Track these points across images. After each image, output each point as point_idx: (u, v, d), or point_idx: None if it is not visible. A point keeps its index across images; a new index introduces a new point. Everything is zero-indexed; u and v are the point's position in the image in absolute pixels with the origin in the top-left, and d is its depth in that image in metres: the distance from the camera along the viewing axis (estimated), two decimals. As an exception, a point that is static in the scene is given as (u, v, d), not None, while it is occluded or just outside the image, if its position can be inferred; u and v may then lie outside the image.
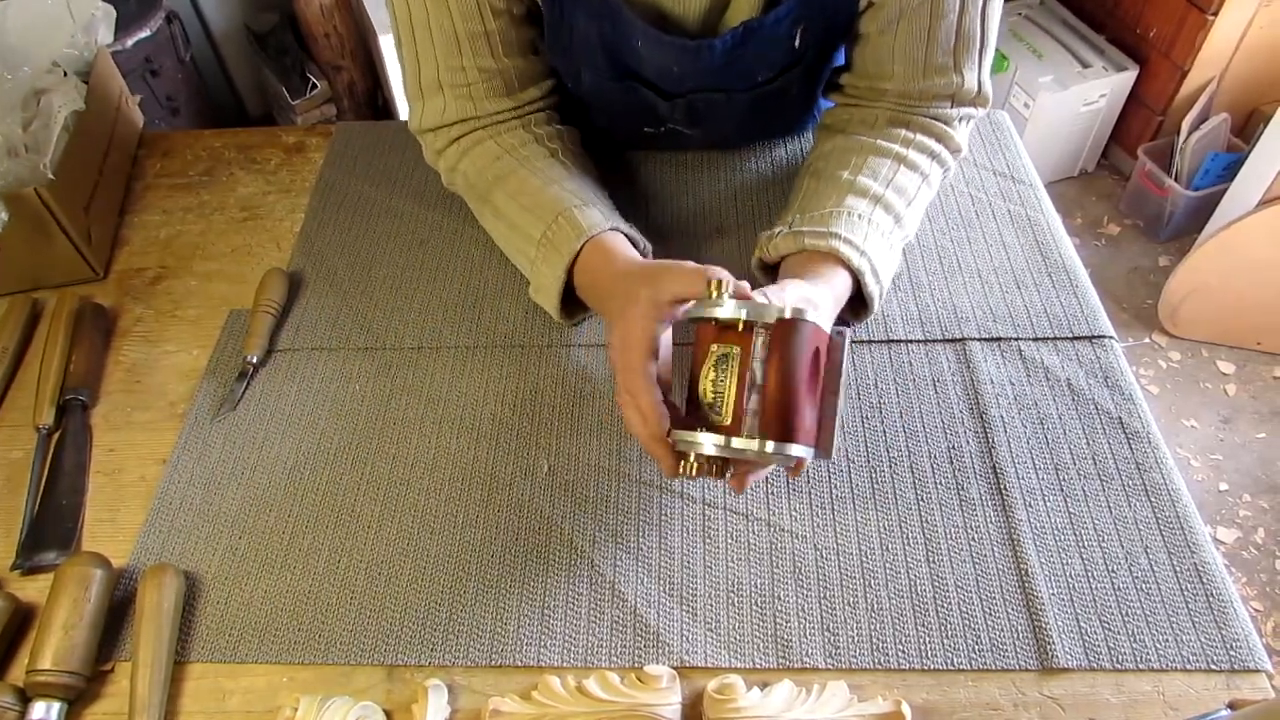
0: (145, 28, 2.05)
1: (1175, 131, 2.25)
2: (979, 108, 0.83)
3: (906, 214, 0.79)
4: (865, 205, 0.77)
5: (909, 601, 0.66)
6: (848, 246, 0.73)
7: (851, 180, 0.79)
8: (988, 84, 0.82)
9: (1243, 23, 2.10)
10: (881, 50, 0.80)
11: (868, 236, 0.75)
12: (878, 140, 0.82)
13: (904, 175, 0.80)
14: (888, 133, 0.82)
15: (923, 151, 0.82)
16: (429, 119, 0.85)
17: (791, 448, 0.58)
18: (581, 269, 0.76)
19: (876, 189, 0.78)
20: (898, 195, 0.79)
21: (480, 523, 0.71)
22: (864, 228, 0.75)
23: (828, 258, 0.74)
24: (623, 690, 0.60)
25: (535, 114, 0.87)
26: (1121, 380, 0.78)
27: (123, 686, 0.62)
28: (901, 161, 0.80)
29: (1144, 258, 2.35)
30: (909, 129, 0.82)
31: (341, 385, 0.81)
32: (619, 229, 0.77)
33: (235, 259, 0.93)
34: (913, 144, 0.81)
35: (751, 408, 0.59)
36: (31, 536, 0.71)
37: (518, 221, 0.80)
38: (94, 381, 0.82)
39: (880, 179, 0.79)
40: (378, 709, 0.60)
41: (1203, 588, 0.66)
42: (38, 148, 0.86)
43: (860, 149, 0.81)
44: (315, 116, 2.37)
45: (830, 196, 0.78)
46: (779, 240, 0.77)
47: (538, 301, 0.80)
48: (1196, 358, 2.13)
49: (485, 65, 0.81)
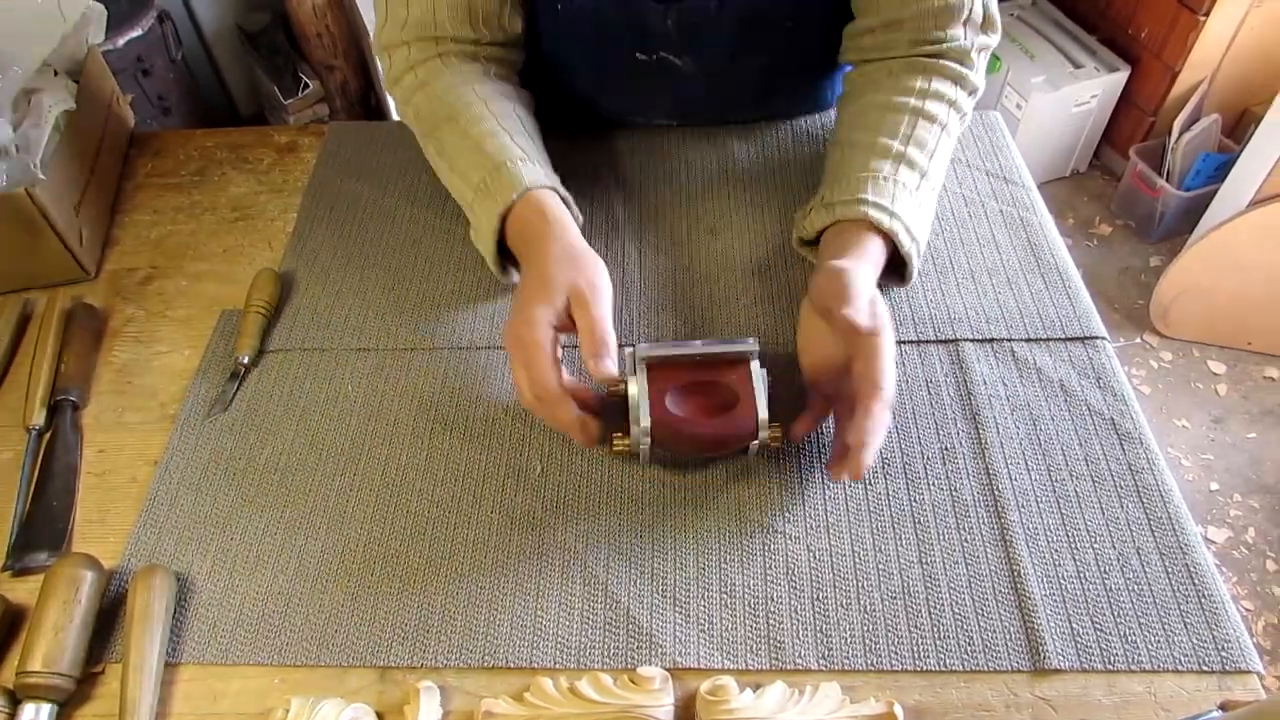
0: (137, 27, 2.04)
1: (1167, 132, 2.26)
2: (991, 34, 0.85)
3: (931, 166, 0.81)
4: (889, 166, 0.79)
5: (902, 602, 0.66)
6: (877, 211, 0.76)
7: (872, 142, 0.81)
8: (995, 8, 0.84)
9: (1234, 24, 2.11)
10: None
11: (895, 197, 0.77)
12: (893, 98, 0.83)
13: (922, 128, 0.81)
14: (903, 86, 0.83)
15: (939, 100, 0.83)
16: (390, 32, 0.87)
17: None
18: (515, 219, 0.78)
19: (898, 147, 0.80)
20: (919, 150, 0.80)
21: (472, 524, 0.71)
22: (890, 189, 0.77)
23: (861, 225, 0.76)
24: (615, 692, 0.60)
25: (496, 63, 0.89)
26: (1114, 381, 0.79)
27: (113, 688, 0.62)
28: (919, 114, 0.81)
29: (1135, 258, 2.36)
30: (924, 77, 0.83)
31: (333, 386, 0.80)
32: (557, 191, 0.80)
33: (227, 259, 0.92)
34: (929, 94, 0.83)
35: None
36: (22, 537, 0.70)
37: (459, 161, 0.82)
38: (85, 382, 0.81)
39: (900, 136, 0.80)
40: (370, 711, 0.60)
41: (1194, 589, 0.66)
42: (28, 147, 0.85)
43: (877, 108, 0.83)
44: (307, 116, 2.37)
45: (855, 163, 0.80)
46: (812, 216, 0.81)
47: (476, 246, 0.83)
48: (1188, 358, 2.14)
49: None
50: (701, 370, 0.70)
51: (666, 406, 0.69)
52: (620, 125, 1.03)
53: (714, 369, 0.70)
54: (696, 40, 0.90)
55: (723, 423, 0.68)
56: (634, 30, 0.90)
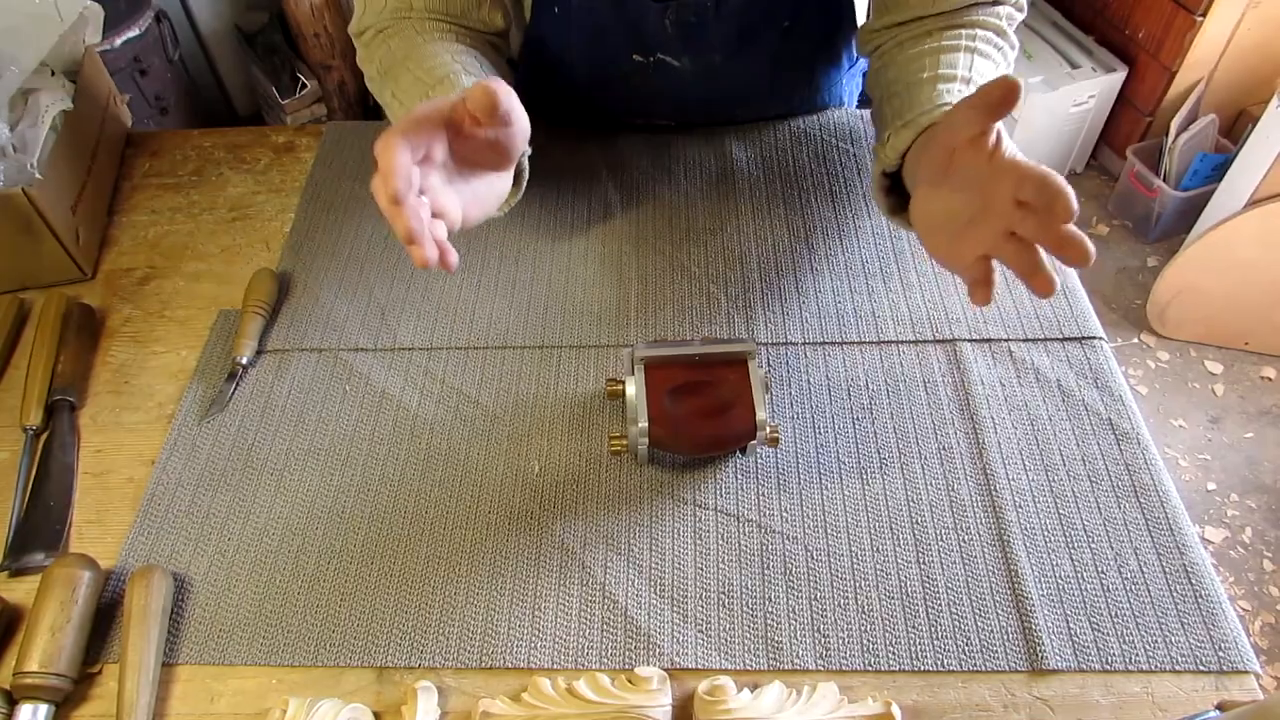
0: (134, 27, 2.03)
1: (1164, 132, 2.26)
2: (1018, 10, 0.81)
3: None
4: (958, 86, 0.74)
5: (899, 603, 0.66)
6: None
7: (934, 74, 0.75)
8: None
9: (1230, 24, 2.11)
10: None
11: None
12: (943, 41, 0.78)
13: (980, 61, 0.77)
14: (950, 35, 0.79)
15: (987, 42, 0.79)
16: (368, 18, 0.84)
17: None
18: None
19: (962, 73, 0.75)
20: (982, 79, 0.75)
21: (471, 524, 0.71)
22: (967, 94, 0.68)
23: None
24: (613, 692, 0.60)
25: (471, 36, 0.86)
26: (1111, 381, 0.79)
27: (110, 689, 0.62)
28: (973, 52, 0.77)
29: (1132, 258, 2.36)
30: (967, 31, 0.79)
31: (331, 386, 0.80)
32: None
33: (224, 259, 0.92)
34: (976, 38, 0.78)
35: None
36: (19, 538, 0.70)
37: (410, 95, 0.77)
38: (82, 382, 0.81)
39: (960, 66, 0.76)
40: (367, 711, 0.60)
41: (1192, 589, 0.66)
42: (25, 147, 0.85)
43: (930, 52, 0.78)
44: (305, 116, 2.37)
45: (920, 95, 0.74)
46: (893, 141, 0.72)
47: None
48: (1185, 358, 2.14)
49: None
50: (699, 370, 0.70)
51: (664, 406, 0.69)
52: (618, 125, 1.03)
53: (712, 369, 0.70)
54: (694, 41, 0.90)
55: (721, 422, 0.68)
56: (632, 32, 0.90)
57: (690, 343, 0.71)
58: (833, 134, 1.02)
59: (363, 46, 0.87)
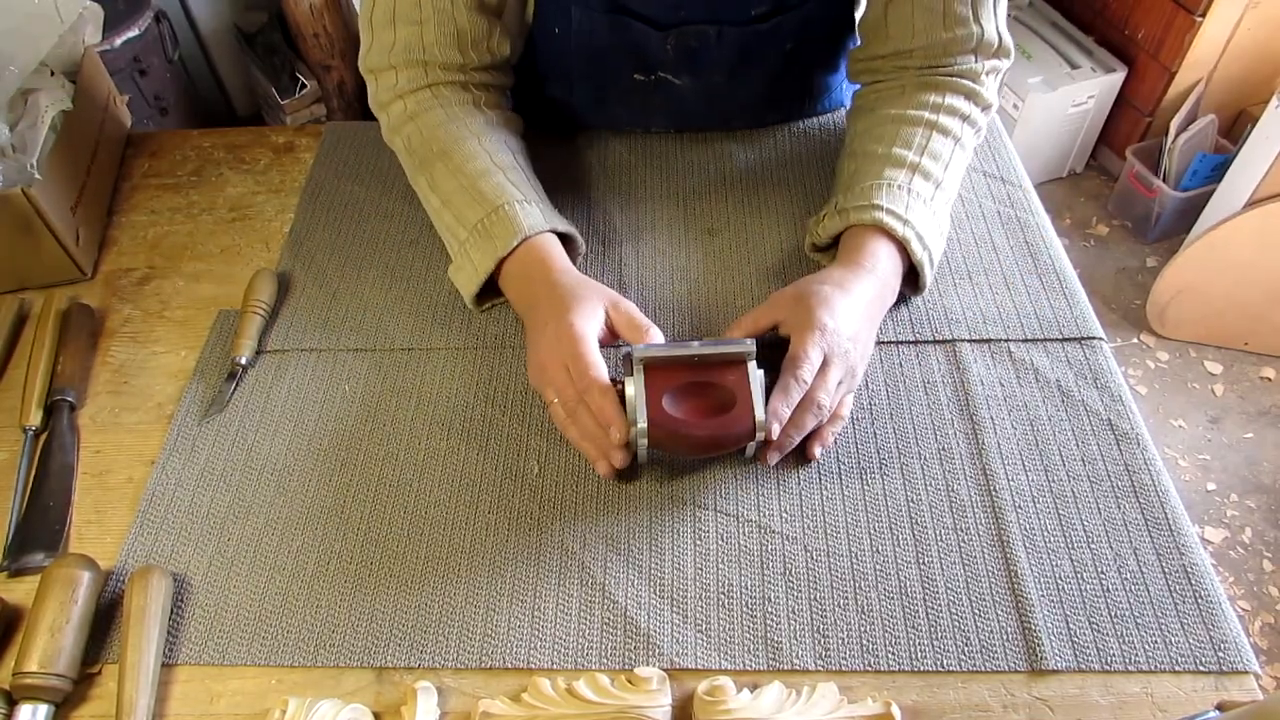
0: (133, 27, 2.03)
1: (1163, 132, 2.26)
2: (1003, 59, 0.86)
3: (945, 177, 0.82)
4: (904, 175, 0.80)
5: (899, 603, 0.66)
6: (891, 217, 0.77)
7: (887, 153, 0.81)
8: (1007, 35, 0.85)
9: (1230, 24, 2.12)
10: (902, 8, 0.82)
11: (909, 206, 0.78)
12: (907, 110, 0.84)
13: (937, 140, 0.82)
14: (917, 100, 0.84)
15: (953, 115, 0.84)
16: (376, 56, 0.86)
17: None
18: (515, 263, 0.78)
19: (912, 158, 0.81)
20: (933, 161, 0.81)
21: (470, 524, 0.71)
22: (904, 197, 0.78)
23: (874, 231, 0.78)
24: (613, 692, 0.60)
25: (485, 89, 0.89)
26: (1111, 382, 0.79)
27: (110, 689, 0.62)
28: (933, 128, 0.82)
29: (1132, 258, 2.36)
30: (937, 93, 0.84)
31: (331, 386, 0.80)
32: (557, 230, 0.80)
33: (224, 259, 0.92)
34: (942, 109, 0.83)
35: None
36: (18, 538, 0.70)
37: (454, 200, 0.82)
38: (81, 382, 0.81)
39: (914, 147, 0.81)
40: (367, 711, 0.60)
41: (1191, 589, 0.66)
42: (25, 148, 0.85)
43: (891, 121, 0.84)
44: (304, 116, 2.36)
45: (869, 172, 0.81)
46: (826, 222, 0.82)
47: (453, 280, 0.83)
48: (1184, 358, 2.14)
49: (442, 5, 0.82)
50: (699, 371, 0.70)
51: (664, 407, 0.69)
52: (618, 131, 1.03)
53: (711, 369, 0.70)
54: (696, 63, 0.90)
55: (720, 423, 0.68)
56: (633, 54, 0.90)
57: (690, 344, 0.71)
58: (832, 135, 1.02)
59: (380, 109, 0.89)
